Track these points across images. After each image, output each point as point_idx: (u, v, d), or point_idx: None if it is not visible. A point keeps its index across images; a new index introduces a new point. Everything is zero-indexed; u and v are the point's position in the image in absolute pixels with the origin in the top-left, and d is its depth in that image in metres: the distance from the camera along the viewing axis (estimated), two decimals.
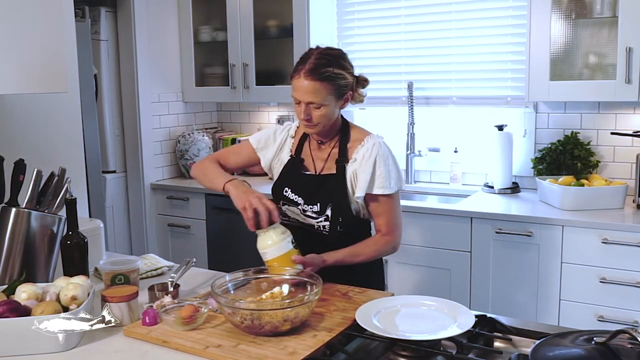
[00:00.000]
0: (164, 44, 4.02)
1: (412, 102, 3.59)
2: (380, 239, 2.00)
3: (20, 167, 1.87)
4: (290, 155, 2.07)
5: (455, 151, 3.56)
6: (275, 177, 2.10)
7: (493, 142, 3.31)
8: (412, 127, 3.61)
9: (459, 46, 3.52)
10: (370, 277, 2.07)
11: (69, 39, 2.41)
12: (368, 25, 3.78)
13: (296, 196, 2.00)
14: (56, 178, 1.88)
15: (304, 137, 2.08)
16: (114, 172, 3.94)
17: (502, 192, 3.30)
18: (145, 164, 3.95)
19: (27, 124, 2.40)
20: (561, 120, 3.31)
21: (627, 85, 2.81)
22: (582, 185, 2.92)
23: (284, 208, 2.04)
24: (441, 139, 3.66)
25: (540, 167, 3.25)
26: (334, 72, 1.88)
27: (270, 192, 2.09)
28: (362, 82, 1.98)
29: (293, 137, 2.10)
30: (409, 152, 3.64)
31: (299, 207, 2.00)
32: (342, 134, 2.02)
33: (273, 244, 1.81)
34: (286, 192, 2.03)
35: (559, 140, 3.22)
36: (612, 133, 3.12)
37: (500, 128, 3.30)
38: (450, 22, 3.53)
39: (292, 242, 1.83)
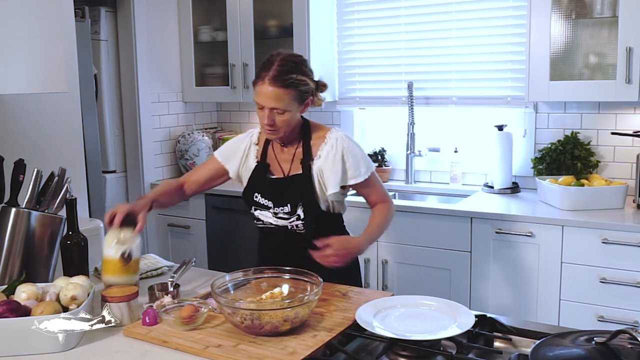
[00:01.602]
0: (164, 44, 4.02)
1: (412, 102, 3.59)
2: (382, 207, 2.09)
3: (20, 167, 1.87)
4: (257, 162, 2.10)
5: (455, 151, 3.56)
6: (244, 184, 2.13)
7: (493, 142, 3.31)
8: (412, 127, 3.61)
9: (459, 46, 3.52)
10: (349, 278, 2.07)
11: (69, 39, 2.41)
12: (368, 25, 3.78)
13: (266, 200, 2.04)
14: (56, 178, 1.88)
15: (267, 142, 2.11)
16: (114, 172, 3.94)
17: (502, 192, 3.30)
18: (145, 164, 3.95)
19: (27, 124, 2.40)
20: (561, 120, 3.31)
21: (627, 85, 2.81)
22: (582, 185, 2.92)
23: (257, 213, 2.08)
24: (441, 139, 3.66)
25: (540, 167, 3.25)
26: (297, 78, 1.92)
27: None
28: (321, 87, 2.02)
29: (257, 144, 2.13)
30: (409, 152, 3.64)
31: (270, 210, 2.03)
32: (303, 133, 2.06)
33: (107, 244, 1.78)
34: (256, 197, 2.06)
35: (559, 140, 3.22)
36: (612, 133, 3.12)
37: (500, 128, 3.30)
38: (450, 22, 3.52)
39: (124, 254, 1.76)
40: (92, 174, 3.55)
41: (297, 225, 2.02)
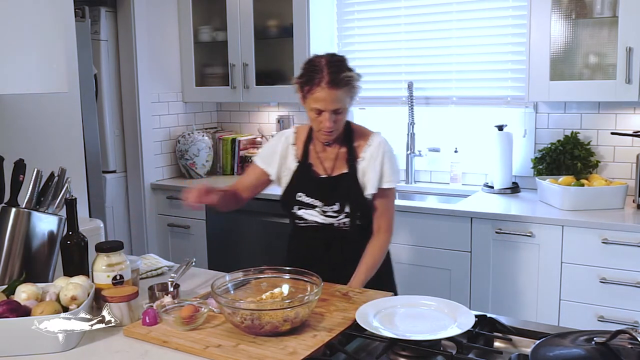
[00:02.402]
0: (164, 44, 4.02)
1: (412, 102, 3.59)
2: (383, 238, 2.12)
3: (20, 167, 1.87)
4: (298, 161, 2.13)
5: (455, 151, 3.56)
6: (285, 185, 2.15)
7: (493, 142, 3.31)
8: (412, 127, 3.61)
9: (459, 46, 3.52)
10: (381, 283, 2.09)
11: (69, 39, 2.41)
12: (368, 25, 3.78)
13: (312, 199, 2.09)
14: (56, 178, 1.88)
15: (308, 142, 2.15)
16: (114, 172, 3.94)
17: (502, 192, 3.30)
18: (145, 164, 3.95)
19: (27, 124, 2.40)
20: (561, 120, 3.31)
21: (627, 85, 2.81)
22: (582, 185, 2.92)
23: (300, 212, 2.11)
24: (441, 139, 3.66)
25: (540, 167, 3.25)
26: (349, 75, 1.98)
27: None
28: (359, 77, 2.06)
29: (294, 144, 2.16)
30: (409, 152, 3.64)
31: (317, 209, 2.09)
32: (345, 133, 2.11)
33: (96, 270, 1.74)
34: (300, 196, 2.10)
35: (559, 140, 3.22)
36: (612, 133, 3.12)
37: (500, 128, 3.30)
38: (450, 22, 3.52)
39: (115, 278, 1.72)
40: (92, 174, 3.55)
41: (344, 223, 2.08)
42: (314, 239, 2.13)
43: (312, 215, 2.09)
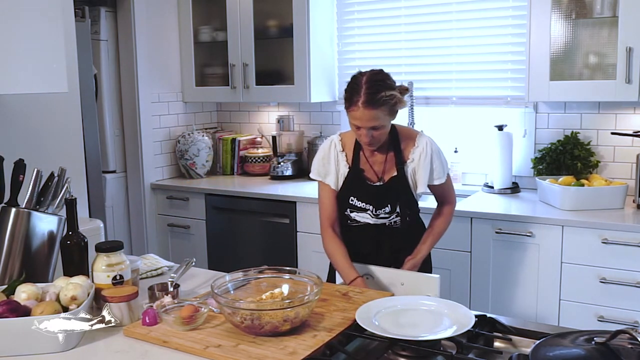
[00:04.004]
0: (164, 44, 4.02)
1: (412, 102, 3.59)
2: (447, 209, 2.31)
3: (20, 167, 1.87)
4: (349, 167, 2.21)
5: (455, 151, 3.56)
6: (338, 188, 2.23)
7: (493, 142, 3.31)
8: (412, 127, 3.61)
9: (459, 46, 3.52)
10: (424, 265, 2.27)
11: (69, 39, 2.41)
12: (368, 25, 3.78)
13: (364, 203, 2.19)
14: (56, 178, 1.88)
15: (358, 148, 2.21)
16: (114, 172, 3.94)
17: (502, 192, 3.30)
18: (145, 164, 3.95)
19: (27, 124, 2.40)
20: (561, 120, 3.31)
21: (627, 85, 2.81)
22: (582, 185, 2.92)
23: (353, 215, 2.22)
24: (441, 139, 3.64)
25: (540, 167, 3.25)
26: (386, 95, 2.04)
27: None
28: (404, 91, 2.13)
29: (343, 151, 2.23)
30: None
31: (368, 212, 2.19)
32: (391, 136, 2.19)
33: (96, 271, 1.72)
34: (352, 200, 2.20)
35: (559, 140, 3.22)
36: (612, 133, 3.12)
37: (500, 128, 3.30)
38: (450, 22, 3.53)
39: (115, 277, 1.71)
40: (92, 174, 3.55)
41: (395, 222, 2.20)
42: (365, 236, 2.23)
43: (364, 218, 2.20)
